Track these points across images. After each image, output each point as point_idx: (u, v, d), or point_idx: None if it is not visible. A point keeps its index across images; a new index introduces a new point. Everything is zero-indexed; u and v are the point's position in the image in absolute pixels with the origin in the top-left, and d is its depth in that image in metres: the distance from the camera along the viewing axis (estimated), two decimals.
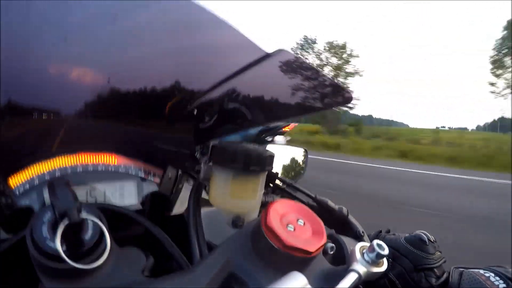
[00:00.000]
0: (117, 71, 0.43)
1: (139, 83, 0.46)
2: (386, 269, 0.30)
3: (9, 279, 0.30)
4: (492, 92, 16.78)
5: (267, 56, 0.37)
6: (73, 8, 0.33)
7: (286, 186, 0.53)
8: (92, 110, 0.48)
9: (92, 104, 0.47)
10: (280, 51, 0.36)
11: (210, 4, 0.34)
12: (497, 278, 0.39)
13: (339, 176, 5.55)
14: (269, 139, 3.15)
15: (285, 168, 0.72)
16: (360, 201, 3.60)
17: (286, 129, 3.53)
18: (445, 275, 0.44)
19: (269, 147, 0.44)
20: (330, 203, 0.55)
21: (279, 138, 3.34)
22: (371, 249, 0.29)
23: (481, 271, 0.41)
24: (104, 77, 0.44)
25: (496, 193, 4.83)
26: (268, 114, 0.56)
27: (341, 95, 0.45)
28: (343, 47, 18.32)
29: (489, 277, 0.39)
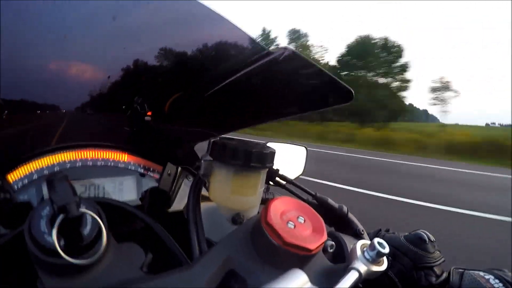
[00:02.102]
0: (117, 68, 0.43)
1: (139, 80, 0.46)
2: (386, 267, 0.30)
3: (8, 274, 0.30)
4: None
5: (270, 53, 0.37)
6: (73, 6, 0.33)
7: (287, 183, 0.53)
8: (91, 106, 0.47)
9: (92, 100, 0.47)
10: (283, 48, 0.35)
11: (212, 2, 0.33)
12: (497, 280, 0.39)
13: None
14: None
15: (285, 166, 0.72)
16: None
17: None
18: (444, 275, 0.44)
19: (270, 144, 0.44)
20: (330, 201, 0.55)
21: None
22: (372, 247, 0.29)
23: (481, 273, 0.41)
24: (104, 74, 0.44)
25: None
26: (270, 111, 0.56)
27: (343, 92, 0.45)
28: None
29: (489, 279, 0.39)
